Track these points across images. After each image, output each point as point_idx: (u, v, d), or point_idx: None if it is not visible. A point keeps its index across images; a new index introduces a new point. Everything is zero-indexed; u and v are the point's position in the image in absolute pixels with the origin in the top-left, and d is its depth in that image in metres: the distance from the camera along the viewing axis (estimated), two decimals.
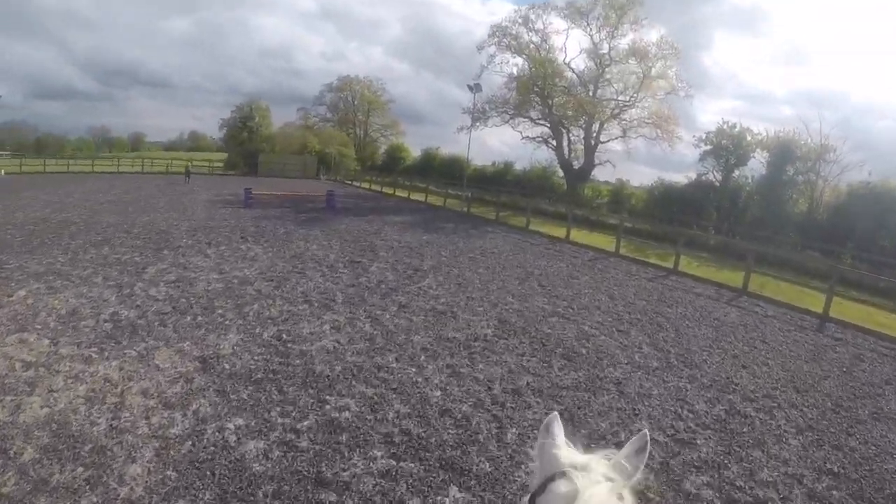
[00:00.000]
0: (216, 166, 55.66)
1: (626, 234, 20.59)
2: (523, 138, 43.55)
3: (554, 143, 42.56)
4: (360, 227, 18.76)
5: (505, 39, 41.30)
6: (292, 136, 62.68)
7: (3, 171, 42.62)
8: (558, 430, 1.31)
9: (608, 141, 41.31)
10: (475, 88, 34.52)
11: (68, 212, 18.30)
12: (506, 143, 66.74)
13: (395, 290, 9.82)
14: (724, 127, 31.39)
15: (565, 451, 1.25)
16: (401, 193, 36.21)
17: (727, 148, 30.90)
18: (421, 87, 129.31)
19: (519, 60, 41.82)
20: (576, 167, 41.91)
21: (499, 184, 43.03)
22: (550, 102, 41.42)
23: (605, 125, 40.32)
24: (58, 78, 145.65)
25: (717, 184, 30.84)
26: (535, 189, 39.15)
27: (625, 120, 39.92)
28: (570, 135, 42.39)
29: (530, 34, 40.83)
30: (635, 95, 38.86)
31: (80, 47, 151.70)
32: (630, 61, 38.86)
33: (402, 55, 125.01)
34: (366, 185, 44.48)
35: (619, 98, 39.58)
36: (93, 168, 46.61)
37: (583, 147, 42.08)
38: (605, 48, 39.19)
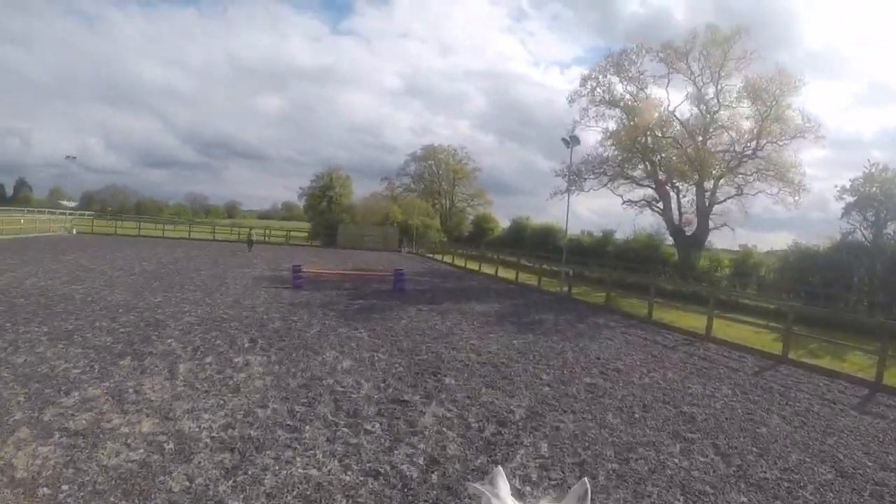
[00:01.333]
0: (292, 235, 54.00)
1: (768, 317, 15.20)
2: (624, 203, 38.39)
3: (660, 206, 37.10)
4: (428, 322, 14.40)
5: (598, 89, 37.06)
6: (374, 207, 60.80)
7: (74, 230, 43.44)
8: (503, 483, 1.32)
9: (724, 200, 35.35)
10: (572, 142, 29.62)
11: (83, 282, 16.48)
12: (597, 212, 62.56)
13: (459, 491, 5.06)
14: (873, 171, 25.26)
15: None
16: (487, 269, 31.81)
17: (877, 198, 24.69)
18: (506, 158, 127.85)
19: (616, 112, 37.37)
20: (688, 233, 36.09)
21: (597, 256, 38.09)
22: (656, 158, 36.40)
23: (720, 182, 34.53)
24: (162, 147, 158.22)
25: (868, 244, 24.50)
26: (640, 261, 33.73)
27: (741, 174, 34.04)
28: (680, 196, 36.87)
29: (624, 83, 36.39)
30: (752, 143, 32.99)
31: (181, 121, 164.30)
32: (743, 104, 33.41)
33: (486, 127, 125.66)
34: (448, 258, 40.52)
35: (734, 149, 33.85)
36: (189, 234, 46.13)
37: (694, 209, 36.34)
38: (710, 91, 34.01)
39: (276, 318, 13.19)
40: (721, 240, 38.87)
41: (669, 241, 37.38)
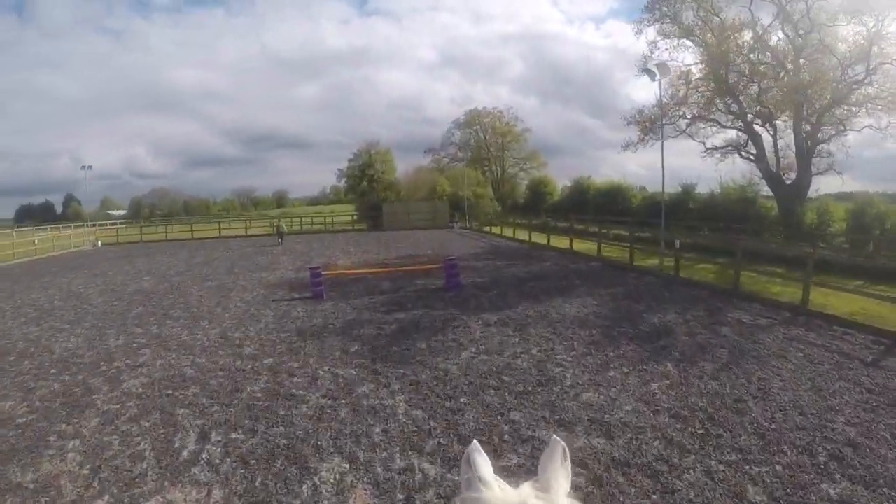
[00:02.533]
0: (335, 220, 49.80)
1: None
2: (706, 150, 31.93)
3: (753, 151, 30.44)
4: (503, 351, 9.31)
5: (665, 19, 30.41)
6: (419, 181, 55.85)
7: (99, 242, 39.89)
8: (482, 461, 1.14)
9: (828, 139, 28.31)
10: (659, 71, 22.42)
11: (47, 320, 13.12)
12: (648, 167, 56.11)
13: None
14: None
15: (497, 492, 1.08)
16: (558, 242, 26.36)
17: None
18: (551, 120, 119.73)
19: (692, 43, 30.66)
20: (787, 182, 29.39)
21: (680, 215, 31.78)
22: (747, 93, 29.62)
23: (823, 117, 27.45)
24: (206, 148, 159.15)
25: None
26: (733, 219, 27.69)
27: (844, 106, 26.86)
28: (777, 137, 29.99)
29: (695, 7, 29.42)
30: (860, 67, 25.61)
31: (223, 119, 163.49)
32: (839, 21, 25.88)
33: (527, 90, 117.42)
34: (507, 231, 35.24)
35: (841, 75, 26.52)
36: (219, 232, 42.41)
37: (793, 153, 29.50)
38: (800, 8, 26.61)
39: (264, 370, 8.50)
40: (828, 186, 31.86)
41: (766, 191, 30.83)
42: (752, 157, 30.54)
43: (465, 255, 23.14)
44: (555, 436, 1.21)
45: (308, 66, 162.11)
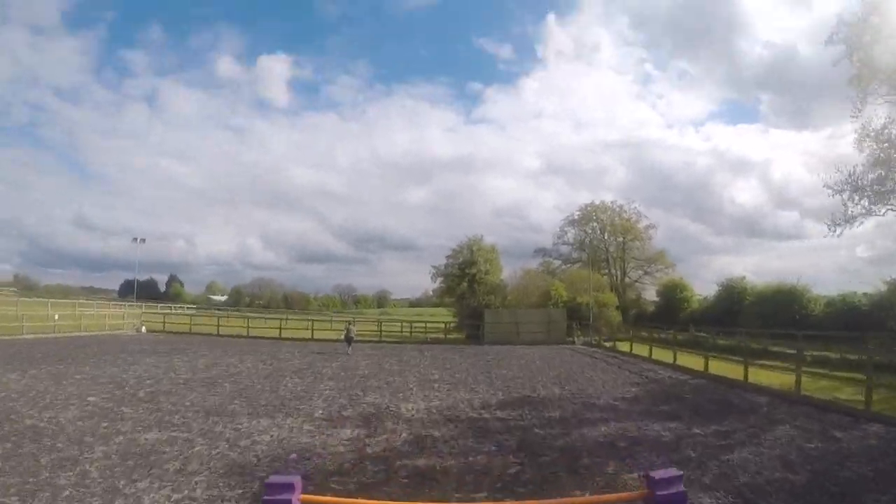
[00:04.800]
0: (431, 327, 41.62)
1: None
2: None
3: None
4: None
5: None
6: (529, 285, 47.08)
7: (144, 328, 36.25)
8: None
9: None
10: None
11: None
12: (764, 271, 44.91)
13: None
14: None
15: None
16: (759, 374, 16.40)
17: None
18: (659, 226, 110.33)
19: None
20: None
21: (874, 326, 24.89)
22: None
23: None
24: (317, 244, 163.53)
25: None
26: None
27: None
28: None
29: None
30: None
31: (335, 218, 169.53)
32: None
33: (630, 196, 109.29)
34: (641, 350, 25.51)
35: None
36: (280, 333, 34.95)
37: None
38: None
39: None
40: None
41: None
42: None
43: (617, 398, 14.37)
44: None
45: (417, 171, 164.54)
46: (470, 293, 42.95)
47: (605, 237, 60.26)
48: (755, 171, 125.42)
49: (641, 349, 26.47)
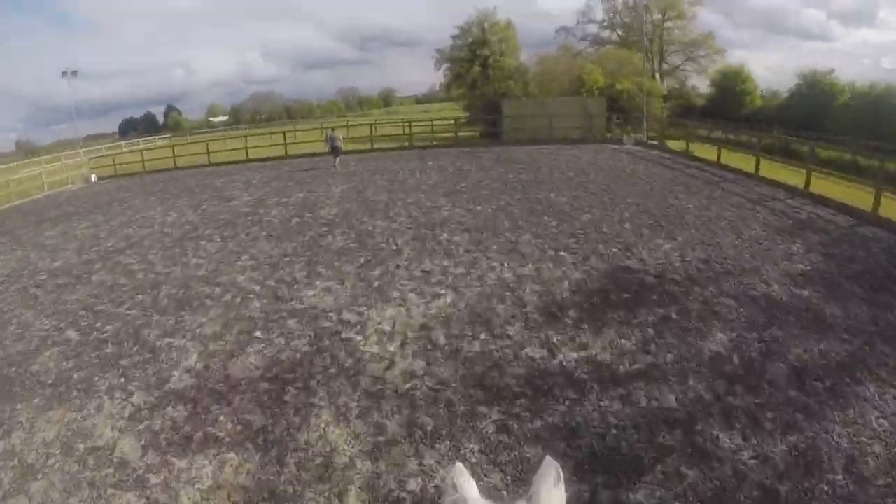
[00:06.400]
0: (438, 126, 33.68)
1: None
2: None
3: None
4: None
5: None
6: (556, 70, 37.98)
7: (94, 177, 29.03)
8: (468, 484, 1.10)
9: None
10: None
11: None
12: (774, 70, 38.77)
13: None
14: None
15: None
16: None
17: None
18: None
19: None
20: None
21: None
22: None
23: None
24: (319, 50, 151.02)
25: None
26: None
27: None
28: None
29: None
30: None
31: (335, 20, 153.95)
32: None
33: None
34: (703, 152, 18.91)
35: None
36: (247, 155, 27.78)
37: None
38: None
39: None
40: None
41: None
42: None
43: (795, 277, 7.58)
44: (549, 456, 1.13)
45: None
46: (483, 80, 34.49)
47: (644, 14, 48.62)
48: None
49: (704, 151, 19.81)
